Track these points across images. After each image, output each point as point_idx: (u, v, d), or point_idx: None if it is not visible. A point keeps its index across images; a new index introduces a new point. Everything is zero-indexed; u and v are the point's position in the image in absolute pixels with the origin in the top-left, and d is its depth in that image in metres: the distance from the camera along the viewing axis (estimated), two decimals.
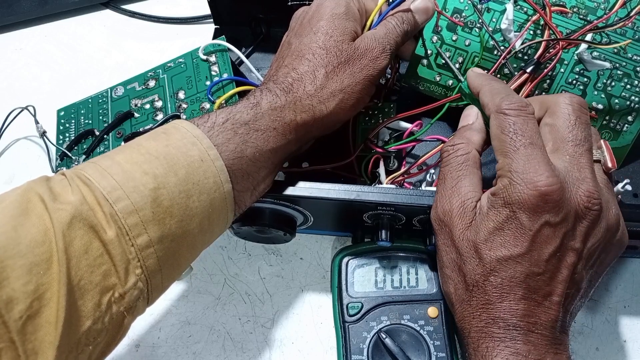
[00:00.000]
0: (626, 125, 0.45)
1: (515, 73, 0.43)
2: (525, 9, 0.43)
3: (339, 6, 0.39)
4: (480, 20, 0.44)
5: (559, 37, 0.42)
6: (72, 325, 0.28)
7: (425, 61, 0.47)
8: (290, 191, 0.39)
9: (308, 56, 0.37)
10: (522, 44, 0.43)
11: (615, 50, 0.43)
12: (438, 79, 0.48)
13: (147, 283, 0.31)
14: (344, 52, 0.37)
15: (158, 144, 0.32)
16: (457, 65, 0.46)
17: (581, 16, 0.43)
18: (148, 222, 0.30)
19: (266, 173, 0.36)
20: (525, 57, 0.44)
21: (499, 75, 0.44)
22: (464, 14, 0.45)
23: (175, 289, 0.47)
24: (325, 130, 0.39)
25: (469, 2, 0.44)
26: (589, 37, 0.43)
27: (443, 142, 0.41)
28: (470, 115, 0.39)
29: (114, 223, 0.29)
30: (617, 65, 0.44)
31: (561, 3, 0.43)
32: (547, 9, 0.42)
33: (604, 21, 0.42)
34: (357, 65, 0.38)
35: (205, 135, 0.33)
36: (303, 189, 0.39)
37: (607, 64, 0.44)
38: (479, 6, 0.44)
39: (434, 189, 0.40)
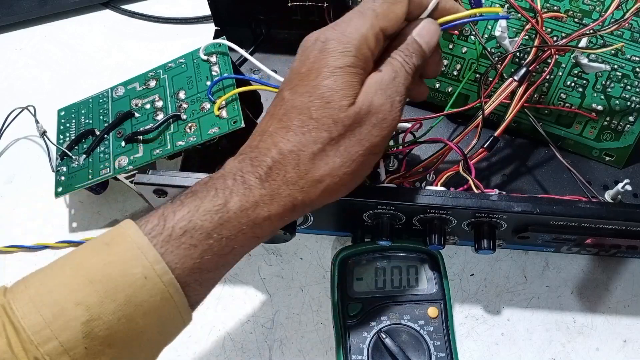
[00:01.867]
0: (628, 125, 0.45)
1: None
2: (518, 15, 0.43)
3: (346, 54, 0.31)
4: (474, 31, 0.44)
5: (549, 43, 0.41)
6: None
7: None
8: None
9: (295, 129, 0.31)
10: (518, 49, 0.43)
11: (613, 51, 0.43)
12: (437, 85, 0.48)
13: None
14: (339, 123, 0.31)
15: (98, 262, 0.29)
16: (455, 73, 0.47)
17: (576, 20, 0.43)
18: None
19: (229, 267, 0.33)
20: (522, 62, 0.44)
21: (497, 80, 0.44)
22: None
23: None
24: (303, 214, 0.35)
25: None
26: (584, 40, 0.43)
27: (443, 143, 0.41)
28: None
29: None
30: (616, 66, 0.44)
31: (555, 8, 0.43)
32: (539, 17, 0.41)
33: (599, 24, 0.42)
34: (354, 137, 0.32)
35: (151, 246, 0.29)
36: None
37: (604, 67, 0.44)
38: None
39: (434, 188, 0.40)
